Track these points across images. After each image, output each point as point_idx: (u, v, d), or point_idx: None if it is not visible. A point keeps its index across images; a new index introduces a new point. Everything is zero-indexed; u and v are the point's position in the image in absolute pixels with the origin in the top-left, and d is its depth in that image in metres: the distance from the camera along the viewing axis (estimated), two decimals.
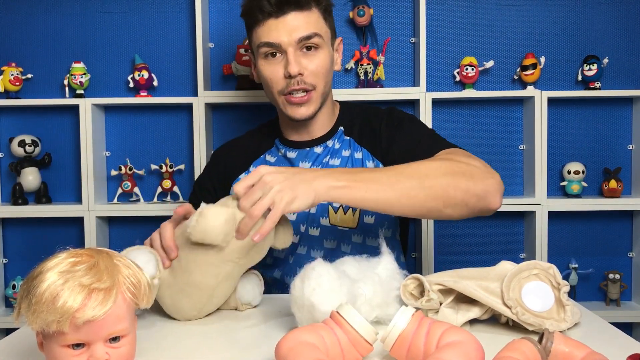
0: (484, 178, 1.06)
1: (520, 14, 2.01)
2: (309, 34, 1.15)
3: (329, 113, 1.29)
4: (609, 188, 1.93)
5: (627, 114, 2.02)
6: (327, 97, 1.25)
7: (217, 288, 0.93)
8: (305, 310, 0.82)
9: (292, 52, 1.15)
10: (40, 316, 0.63)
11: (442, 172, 1.02)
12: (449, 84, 2.02)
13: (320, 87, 1.19)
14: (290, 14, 1.14)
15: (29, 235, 2.06)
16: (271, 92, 1.21)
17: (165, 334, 0.90)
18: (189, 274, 0.91)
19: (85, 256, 0.67)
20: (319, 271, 0.84)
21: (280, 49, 1.16)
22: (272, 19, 1.15)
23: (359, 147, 1.26)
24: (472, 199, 1.04)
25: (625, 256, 2.05)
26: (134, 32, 2.03)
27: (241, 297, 1.00)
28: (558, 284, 0.87)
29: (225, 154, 1.37)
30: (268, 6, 1.14)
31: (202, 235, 0.86)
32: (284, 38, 1.14)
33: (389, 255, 0.93)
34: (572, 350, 0.67)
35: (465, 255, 2.04)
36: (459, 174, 1.03)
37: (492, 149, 2.03)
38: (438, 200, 1.01)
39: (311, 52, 1.17)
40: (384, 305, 0.89)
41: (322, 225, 1.22)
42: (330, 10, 1.22)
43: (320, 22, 1.18)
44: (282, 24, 1.15)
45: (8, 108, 2.01)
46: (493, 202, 1.07)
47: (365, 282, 0.88)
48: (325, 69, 1.19)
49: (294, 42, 1.15)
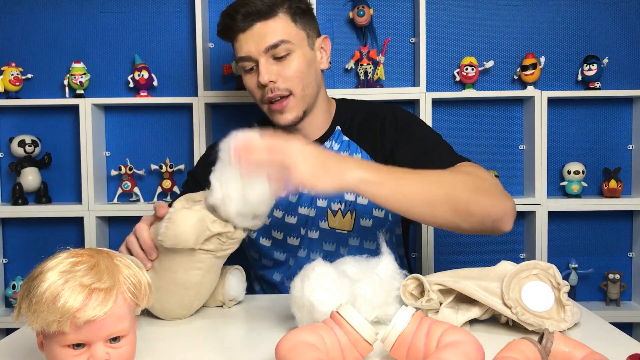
0: (503, 199, 1.06)
1: (520, 14, 2.01)
2: (275, 42, 1.15)
3: (322, 113, 1.27)
4: (609, 188, 1.93)
5: (627, 114, 2.02)
6: (316, 98, 1.23)
7: (201, 283, 0.93)
8: (305, 310, 0.83)
9: (263, 62, 1.15)
10: (40, 316, 0.63)
11: (468, 186, 1.02)
12: (449, 84, 2.02)
13: (298, 91, 1.18)
14: (256, 25, 1.15)
15: (29, 235, 2.06)
16: (256, 101, 1.22)
17: (165, 334, 0.90)
18: (173, 273, 0.91)
19: (86, 256, 0.67)
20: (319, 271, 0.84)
21: (252, 60, 1.16)
22: (242, 34, 1.16)
23: (359, 148, 1.25)
24: (488, 219, 1.04)
25: (625, 256, 2.05)
26: (134, 32, 2.03)
27: (227, 293, 1.00)
28: (558, 284, 0.87)
29: None
30: (237, 22, 1.15)
31: (174, 241, 0.86)
32: (252, 49, 1.15)
33: (388, 255, 0.93)
34: (572, 350, 0.67)
35: (465, 255, 2.04)
36: (482, 191, 1.03)
37: (492, 149, 2.03)
38: (459, 214, 1.01)
39: (283, 59, 1.16)
40: (384, 305, 0.89)
41: (321, 229, 1.23)
42: (305, 10, 1.20)
43: (289, 27, 1.17)
44: (249, 36, 1.16)
45: (8, 108, 2.01)
46: (507, 225, 1.07)
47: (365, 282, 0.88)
48: (300, 72, 1.17)
49: (262, 51, 1.15)
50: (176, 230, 0.85)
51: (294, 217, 1.23)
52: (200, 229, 0.87)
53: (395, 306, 0.89)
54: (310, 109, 1.22)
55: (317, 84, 1.22)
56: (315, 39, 1.23)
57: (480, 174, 1.08)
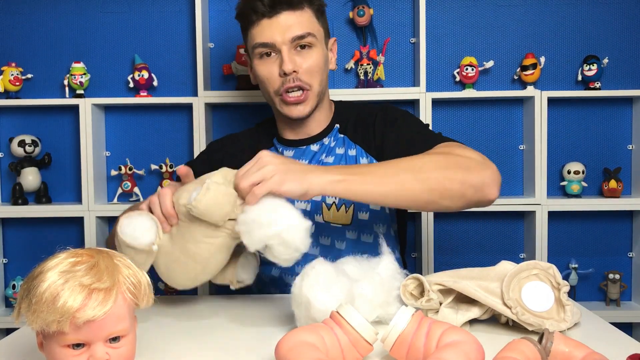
0: (480, 169, 1.06)
1: (520, 14, 2.01)
2: (302, 33, 1.17)
3: (325, 111, 1.30)
4: (609, 188, 1.93)
5: (627, 114, 2.02)
6: (324, 96, 1.27)
7: (210, 259, 0.93)
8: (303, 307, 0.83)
9: (287, 51, 1.17)
10: (40, 316, 0.63)
11: (437, 164, 1.03)
12: (449, 84, 2.02)
13: (315, 86, 1.21)
14: (283, 13, 1.16)
15: (29, 235, 2.06)
16: (267, 91, 1.23)
17: (165, 334, 0.90)
18: (185, 242, 0.92)
19: (86, 256, 0.67)
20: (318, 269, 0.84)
21: (274, 48, 1.17)
22: (266, 19, 1.17)
23: (353, 144, 1.27)
24: (468, 190, 1.04)
25: (625, 256, 2.05)
26: (134, 32, 2.03)
27: (238, 274, 1.00)
28: (558, 284, 0.87)
29: (225, 146, 1.38)
30: (261, 6, 1.16)
31: (204, 211, 0.87)
32: (277, 37, 1.16)
33: (389, 255, 0.93)
34: (572, 350, 0.67)
35: (465, 255, 2.04)
36: (454, 166, 1.04)
37: (492, 149, 2.02)
38: (434, 192, 1.01)
39: (305, 51, 1.19)
40: (385, 304, 0.89)
41: (316, 222, 1.23)
42: (323, 10, 1.24)
43: (313, 22, 1.20)
44: (275, 24, 1.16)
45: (8, 108, 2.01)
46: (490, 193, 1.07)
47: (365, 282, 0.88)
48: (319, 67, 1.20)
49: (288, 41, 1.16)
50: (210, 202, 0.86)
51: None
52: (230, 208, 0.88)
53: (396, 305, 0.89)
54: (318, 106, 1.26)
55: (326, 83, 1.27)
56: (328, 39, 1.27)
57: (455, 151, 1.09)
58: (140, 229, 0.90)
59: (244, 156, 1.33)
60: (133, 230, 0.90)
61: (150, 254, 0.92)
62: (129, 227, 0.90)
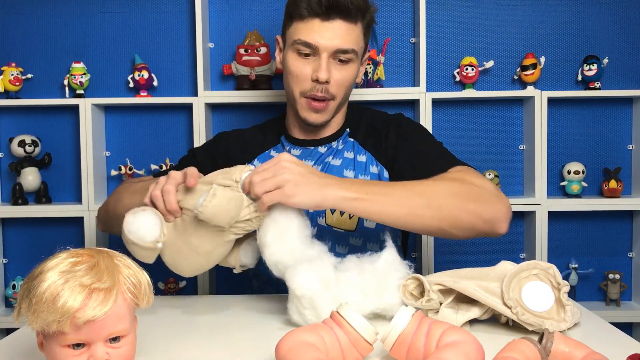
0: (493, 203, 1.05)
1: (520, 14, 2.01)
2: (347, 48, 1.16)
3: (339, 117, 1.30)
4: (609, 188, 1.93)
5: (627, 114, 2.02)
6: (342, 106, 1.27)
7: (213, 252, 0.95)
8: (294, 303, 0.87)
9: (326, 59, 1.15)
10: (40, 316, 0.63)
11: (451, 193, 1.02)
12: (449, 84, 2.02)
13: (339, 98, 1.21)
14: (336, 20, 1.14)
15: (29, 235, 2.06)
16: (292, 89, 1.21)
17: (165, 334, 0.90)
18: (189, 236, 0.93)
19: (86, 256, 0.67)
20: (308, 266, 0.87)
21: (316, 51, 1.16)
22: (318, 20, 1.15)
23: (363, 150, 1.26)
24: (479, 223, 1.04)
25: (625, 256, 2.05)
26: (134, 32, 2.03)
27: (241, 259, 1.00)
28: (558, 284, 0.87)
29: (232, 139, 1.37)
30: (317, 6, 1.13)
31: (211, 217, 0.87)
32: (322, 42, 1.15)
33: (390, 248, 0.94)
34: (572, 350, 0.67)
35: (465, 255, 2.04)
36: (468, 197, 1.03)
37: (492, 149, 2.03)
38: (445, 221, 1.01)
39: (342, 65, 1.18)
40: (380, 292, 0.90)
41: (318, 225, 1.23)
42: (371, 25, 1.23)
43: (360, 38, 1.19)
44: (325, 28, 1.14)
45: (8, 108, 2.01)
46: (500, 227, 1.07)
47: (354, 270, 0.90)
48: (349, 82, 1.21)
49: (331, 50, 1.15)
50: (215, 209, 0.87)
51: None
52: (237, 213, 0.89)
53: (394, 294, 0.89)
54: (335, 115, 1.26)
55: (349, 94, 1.27)
56: (366, 54, 1.27)
57: (470, 179, 1.08)
58: (145, 227, 0.91)
59: (249, 151, 1.34)
60: (137, 229, 0.91)
61: (155, 250, 0.93)
62: (134, 225, 0.91)
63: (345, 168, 1.24)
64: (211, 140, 1.40)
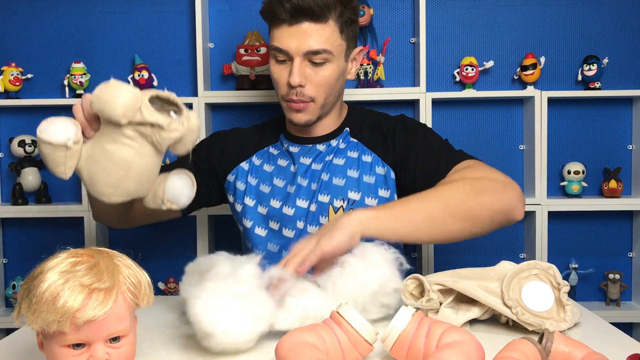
0: (506, 191, 1.07)
1: (520, 14, 2.01)
2: (318, 49, 1.15)
3: (334, 116, 1.30)
4: (609, 188, 1.93)
5: (627, 114, 2.02)
6: (333, 105, 1.26)
7: (131, 164, 0.88)
8: None
9: (298, 63, 1.15)
10: (40, 316, 0.63)
11: (467, 192, 1.04)
12: (449, 84, 2.02)
13: (320, 99, 1.20)
14: (304, 23, 1.14)
15: (29, 235, 2.06)
16: (277, 93, 1.24)
17: (165, 334, 0.90)
18: (103, 143, 0.88)
19: (86, 256, 0.67)
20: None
21: (288, 55, 1.16)
22: (286, 26, 1.15)
23: (368, 150, 1.26)
24: (497, 216, 1.06)
25: (625, 256, 2.05)
26: (134, 32, 2.03)
27: (167, 191, 0.95)
28: (558, 284, 0.87)
29: (229, 136, 1.37)
30: (283, 13, 1.14)
31: (101, 106, 0.84)
32: (292, 46, 1.15)
33: (385, 264, 0.93)
34: (572, 350, 0.67)
35: (465, 255, 2.04)
36: (482, 192, 1.05)
37: (492, 149, 2.03)
38: (466, 222, 1.03)
39: (318, 66, 1.17)
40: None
41: (320, 224, 1.23)
42: (353, 20, 1.21)
43: (334, 36, 1.17)
44: (293, 32, 1.15)
45: (8, 108, 2.01)
46: (517, 214, 1.09)
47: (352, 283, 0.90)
48: (329, 82, 1.19)
49: (302, 53, 1.15)
50: (107, 96, 0.83)
51: (291, 208, 1.24)
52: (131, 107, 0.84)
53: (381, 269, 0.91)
54: (326, 114, 1.26)
55: (339, 93, 1.26)
56: (352, 49, 1.25)
57: (480, 172, 1.09)
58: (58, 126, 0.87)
59: (246, 148, 1.34)
60: (49, 127, 0.87)
61: (69, 152, 0.87)
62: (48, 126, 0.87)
63: (348, 167, 1.24)
64: (207, 138, 1.40)
